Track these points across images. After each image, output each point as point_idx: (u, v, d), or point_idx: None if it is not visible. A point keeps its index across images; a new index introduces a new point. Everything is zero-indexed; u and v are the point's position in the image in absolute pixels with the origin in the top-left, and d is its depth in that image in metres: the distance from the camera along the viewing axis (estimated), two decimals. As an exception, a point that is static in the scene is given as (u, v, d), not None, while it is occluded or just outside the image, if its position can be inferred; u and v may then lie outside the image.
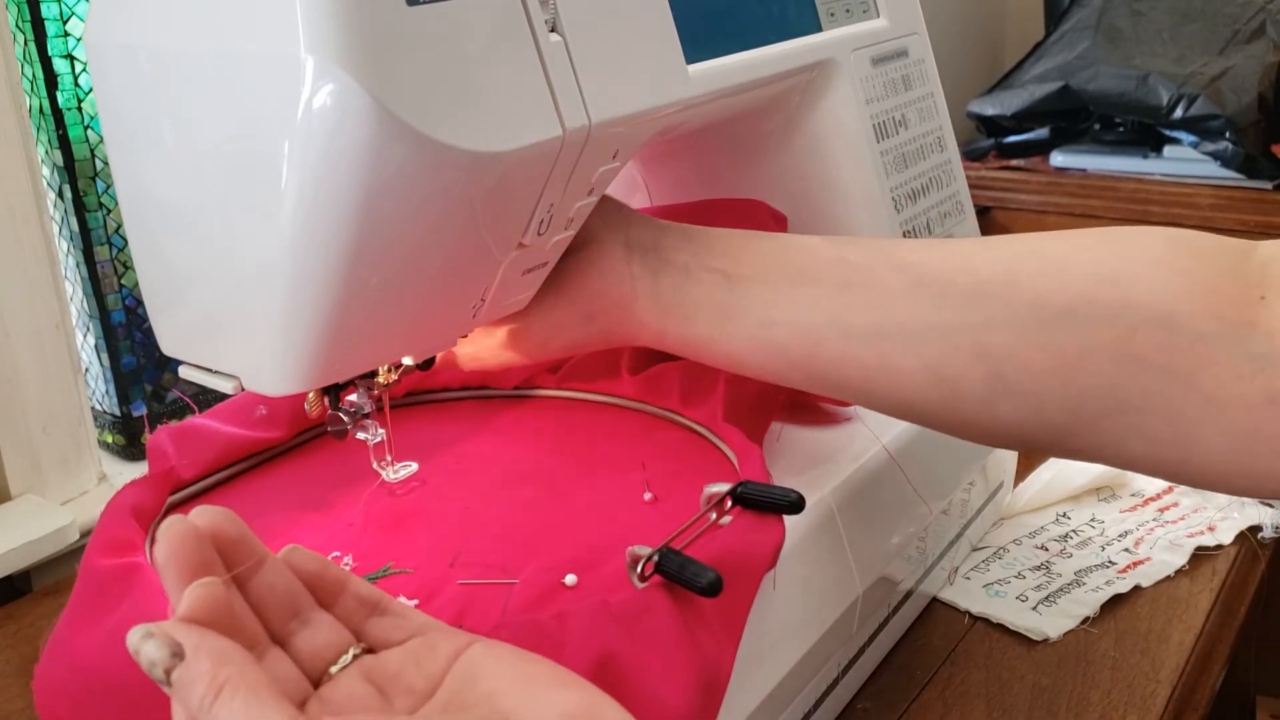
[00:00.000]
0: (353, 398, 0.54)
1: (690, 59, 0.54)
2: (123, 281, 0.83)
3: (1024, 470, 0.83)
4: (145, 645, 0.32)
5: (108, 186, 0.81)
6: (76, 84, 0.78)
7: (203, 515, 0.36)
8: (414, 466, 0.57)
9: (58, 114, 0.78)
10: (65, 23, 0.78)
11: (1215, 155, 1.40)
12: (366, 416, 0.54)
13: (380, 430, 0.55)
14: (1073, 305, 0.46)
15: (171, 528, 0.35)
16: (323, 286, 0.44)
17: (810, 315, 0.51)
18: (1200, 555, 0.75)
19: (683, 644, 0.44)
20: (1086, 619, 0.69)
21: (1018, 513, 0.80)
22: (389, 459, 0.56)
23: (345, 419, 0.53)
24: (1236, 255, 0.47)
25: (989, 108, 1.55)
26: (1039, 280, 0.47)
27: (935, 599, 0.71)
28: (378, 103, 0.40)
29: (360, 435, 0.54)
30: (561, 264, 0.55)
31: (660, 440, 0.61)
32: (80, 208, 0.80)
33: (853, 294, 0.50)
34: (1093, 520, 0.79)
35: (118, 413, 0.85)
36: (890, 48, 0.70)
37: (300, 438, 0.63)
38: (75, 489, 0.81)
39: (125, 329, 0.84)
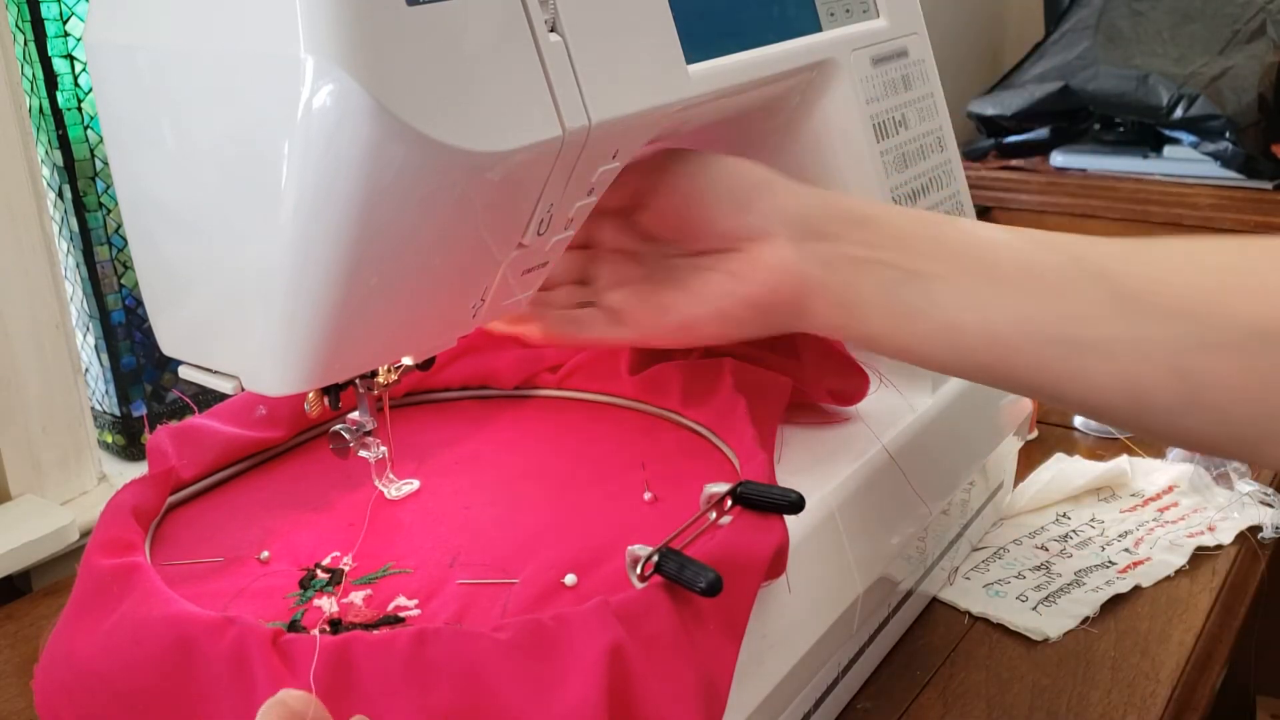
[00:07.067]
0: (355, 415, 0.54)
1: (690, 59, 0.54)
2: (123, 281, 0.83)
3: (1024, 470, 0.83)
4: None
5: (108, 186, 0.81)
6: (76, 84, 0.78)
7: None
8: (415, 484, 0.57)
9: (58, 114, 0.78)
10: (65, 23, 0.78)
11: (1215, 155, 1.40)
12: (369, 434, 0.54)
13: (382, 448, 0.54)
14: None
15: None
16: (322, 287, 0.44)
17: (1001, 322, 0.49)
18: (1200, 555, 0.75)
19: (683, 645, 0.44)
20: (1086, 619, 0.69)
21: (1018, 513, 0.80)
22: (391, 477, 0.56)
23: (347, 437, 0.53)
24: None
25: (989, 108, 1.55)
26: (1250, 303, 0.45)
27: (935, 599, 0.71)
28: (378, 103, 0.40)
29: (362, 454, 0.54)
30: (727, 256, 0.54)
31: (660, 440, 0.61)
32: (80, 208, 0.80)
33: (1046, 302, 0.48)
34: (1093, 520, 0.79)
35: (118, 413, 0.85)
36: (890, 48, 0.70)
37: (300, 438, 0.63)
38: (75, 489, 0.81)
39: (125, 329, 0.84)
